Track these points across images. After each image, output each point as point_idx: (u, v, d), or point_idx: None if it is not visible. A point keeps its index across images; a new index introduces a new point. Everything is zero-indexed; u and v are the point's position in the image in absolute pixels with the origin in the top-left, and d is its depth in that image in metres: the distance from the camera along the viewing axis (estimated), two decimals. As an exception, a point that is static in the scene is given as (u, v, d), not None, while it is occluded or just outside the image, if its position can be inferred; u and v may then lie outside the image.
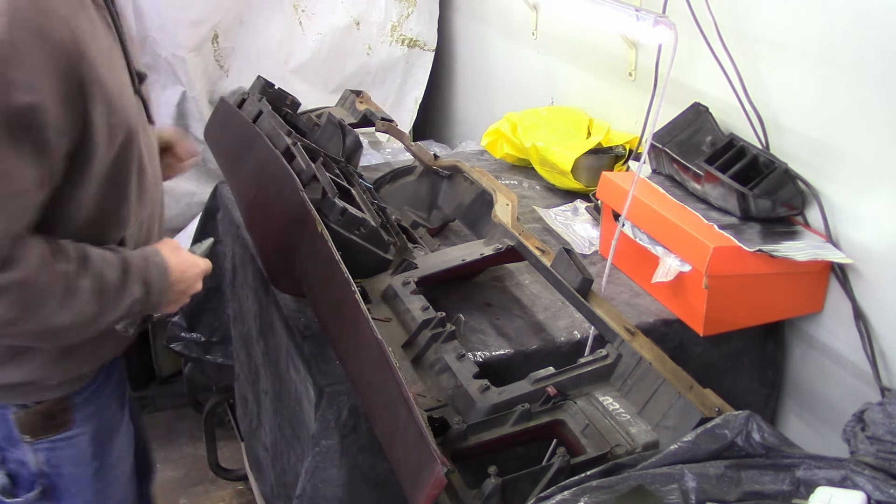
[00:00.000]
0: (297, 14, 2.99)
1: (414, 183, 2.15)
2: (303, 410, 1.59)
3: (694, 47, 1.89)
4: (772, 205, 1.73)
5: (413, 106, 3.33)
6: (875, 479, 1.07)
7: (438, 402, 1.40)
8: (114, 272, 1.29)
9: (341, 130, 2.01)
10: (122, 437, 1.61)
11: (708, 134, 1.88)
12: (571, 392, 1.38)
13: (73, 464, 1.50)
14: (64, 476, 1.50)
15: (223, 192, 2.26)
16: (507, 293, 1.83)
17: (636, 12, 1.71)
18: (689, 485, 1.09)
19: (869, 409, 1.29)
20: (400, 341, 1.54)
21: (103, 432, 1.54)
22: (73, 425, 1.47)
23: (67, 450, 1.48)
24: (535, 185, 2.39)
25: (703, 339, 1.72)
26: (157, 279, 1.34)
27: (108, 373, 1.55)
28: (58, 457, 1.48)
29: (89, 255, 1.27)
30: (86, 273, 1.25)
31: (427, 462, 1.07)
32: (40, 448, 1.46)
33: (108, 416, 1.56)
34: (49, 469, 1.48)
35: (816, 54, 1.68)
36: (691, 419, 1.26)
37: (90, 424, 1.50)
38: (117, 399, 1.60)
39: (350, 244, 1.64)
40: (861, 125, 1.62)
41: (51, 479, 1.49)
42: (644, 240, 1.80)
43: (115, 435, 1.59)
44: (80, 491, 1.53)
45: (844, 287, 1.69)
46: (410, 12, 3.19)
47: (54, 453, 1.47)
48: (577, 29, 2.53)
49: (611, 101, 2.42)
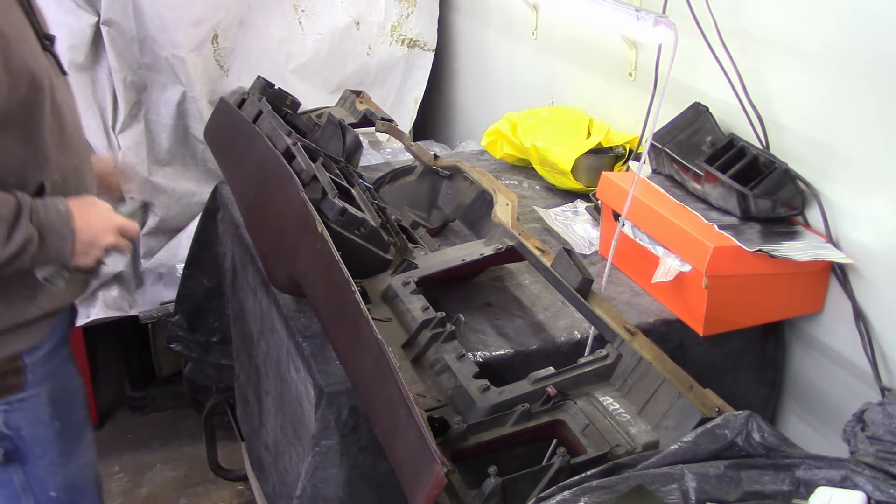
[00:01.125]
0: (297, 14, 2.99)
1: (414, 183, 2.15)
2: (303, 410, 1.59)
3: (694, 47, 1.89)
4: (772, 205, 1.73)
5: (413, 106, 3.33)
6: (875, 479, 1.07)
7: (438, 402, 1.40)
8: (4, 209, 1.34)
9: (341, 130, 2.01)
10: (81, 400, 1.65)
11: (708, 134, 1.88)
12: (571, 392, 1.38)
13: (31, 425, 1.54)
14: (24, 438, 1.55)
15: (223, 192, 2.26)
16: (507, 293, 1.83)
17: (636, 12, 1.71)
18: (689, 485, 1.09)
19: (869, 409, 1.29)
20: (400, 341, 1.54)
21: (61, 393, 1.58)
22: (25, 386, 1.51)
23: (24, 411, 1.53)
24: (535, 185, 2.39)
25: (703, 339, 1.72)
26: (57, 224, 1.38)
27: (62, 337, 1.60)
28: (16, 419, 1.53)
29: None
30: None
31: (427, 462, 1.07)
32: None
33: (65, 379, 1.60)
34: (9, 431, 1.53)
35: (816, 54, 1.68)
36: (691, 419, 1.26)
37: (45, 385, 1.54)
38: (72, 364, 1.63)
39: (350, 244, 1.64)
40: (861, 125, 1.62)
41: (13, 441, 1.54)
42: (644, 240, 1.80)
43: (76, 397, 1.63)
44: (44, 452, 1.57)
45: (844, 287, 1.69)
46: (410, 12, 3.19)
47: (11, 415, 1.52)
48: (577, 29, 2.53)
49: (611, 101, 2.41)
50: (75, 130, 1.52)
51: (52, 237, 1.38)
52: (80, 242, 1.41)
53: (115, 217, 1.46)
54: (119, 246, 1.48)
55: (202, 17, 2.75)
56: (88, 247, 1.43)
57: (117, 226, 1.45)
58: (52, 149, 1.44)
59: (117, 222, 1.46)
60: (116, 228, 1.45)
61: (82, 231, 1.41)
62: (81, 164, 1.54)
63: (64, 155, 1.47)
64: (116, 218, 1.46)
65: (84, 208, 1.43)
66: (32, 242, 1.36)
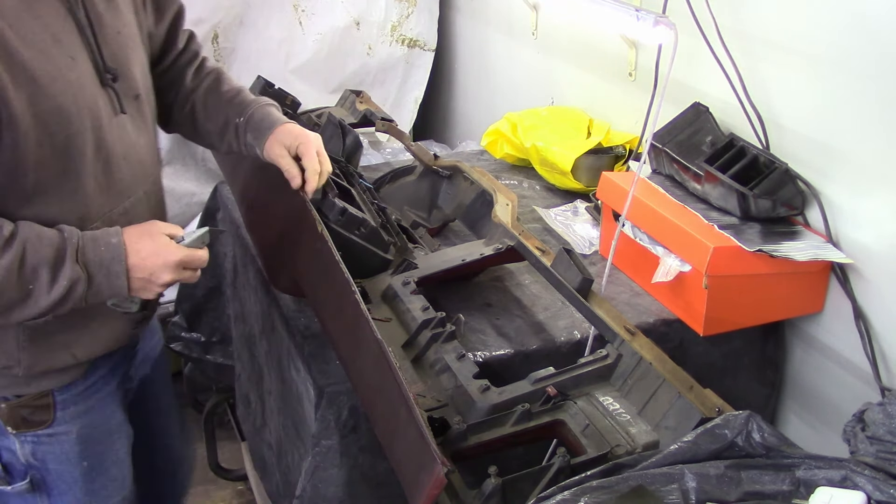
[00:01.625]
0: (297, 14, 2.99)
1: (414, 183, 2.15)
2: (303, 410, 1.59)
3: (694, 47, 1.89)
4: (772, 205, 1.73)
5: (413, 106, 3.33)
6: (875, 479, 1.07)
7: (438, 402, 1.40)
8: (47, 249, 1.24)
9: (341, 130, 2.01)
10: (120, 441, 1.59)
11: (708, 134, 1.88)
12: (571, 392, 1.38)
13: (58, 461, 1.50)
14: (51, 471, 1.50)
15: (223, 192, 2.26)
16: (507, 293, 1.83)
17: (636, 12, 1.71)
18: (689, 485, 1.09)
19: (869, 409, 1.29)
20: (400, 341, 1.54)
21: (94, 433, 1.52)
22: (54, 423, 1.46)
23: (52, 446, 1.48)
24: (535, 185, 2.39)
25: (703, 339, 1.72)
26: (108, 261, 1.28)
27: (105, 375, 1.53)
28: (43, 451, 1.48)
29: (18, 231, 1.24)
30: (8, 248, 1.22)
31: (427, 462, 1.07)
32: (26, 441, 1.46)
33: (102, 419, 1.54)
34: (36, 462, 1.49)
35: (816, 54, 1.68)
36: (691, 419, 1.26)
37: (76, 423, 1.49)
38: (117, 402, 1.58)
39: (350, 244, 1.64)
40: (861, 125, 1.62)
41: (39, 472, 1.50)
42: (644, 240, 1.80)
43: (111, 438, 1.56)
44: (69, 488, 1.52)
45: (844, 287, 1.69)
46: (410, 12, 3.19)
47: (39, 447, 1.47)
48: (577, 29, 2.53)
49: (611, 101, 2.41)
50: (128, 170, 1.40)
51: (102, 276, 1.28)
52: (135, 279, 1.30)
53: (175, 251, 1.32)
54: (182, 279, 1.35)
55: (202, 17, 2.75)
56: (146, 283, 1.32)
57: (177, 261, 1.32)
58: (94, 195, 1.34)
59: (177, 257, 1.32)
60: (176, 264, 1.32)
61: (137, 268, 1.30)
62: (134, 206, 1.43)
63: (109, 199, 1.37)
64: (176, 252, 1.33)
65: (140, 241, 1.31)
66: (80, 283, 1.26)
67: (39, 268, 1.24)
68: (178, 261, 1.32)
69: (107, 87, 1.35)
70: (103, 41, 1.34)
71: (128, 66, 1.40)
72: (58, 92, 1.25)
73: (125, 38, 1.40)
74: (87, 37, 1.31)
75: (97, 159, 1.33)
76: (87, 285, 1.27)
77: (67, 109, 1.27)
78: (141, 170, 1.45)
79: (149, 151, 1.48)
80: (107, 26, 1.35)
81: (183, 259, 1.33)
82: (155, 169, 1.52)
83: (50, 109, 1.24)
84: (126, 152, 1.40)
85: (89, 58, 1.32)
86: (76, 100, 1.28)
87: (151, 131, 1.51)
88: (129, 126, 1.41)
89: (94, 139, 1.32)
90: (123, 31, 1.40)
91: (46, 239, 1.26)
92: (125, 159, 1.39)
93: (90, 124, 1.31)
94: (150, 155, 1.49)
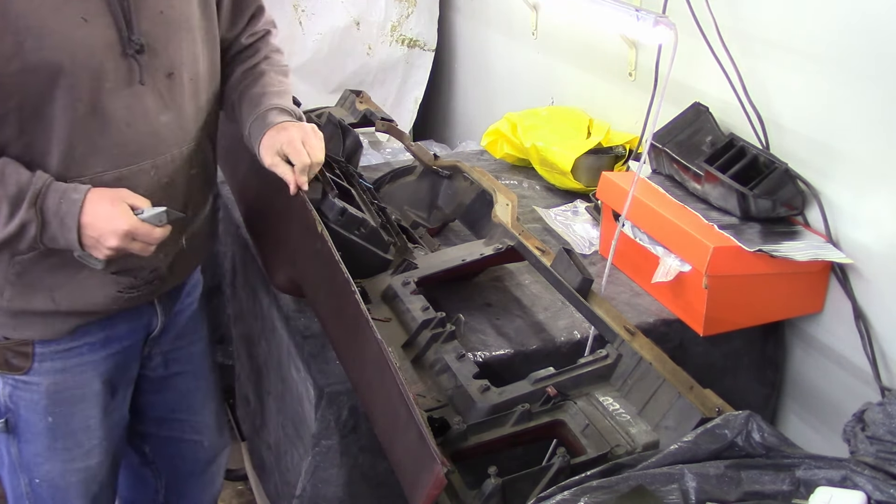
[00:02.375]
0: (297, 14, 2.99)
1: (414, 183, 2.15)
2: (303, 410, 1.59)
3: (694, 47, 1.89)
4: (772, 205, 1.73)
5: (413, 106, 3.33)
6: (875, 479, 1.07)
7: (438, 402, 1.40)
8: (11, 187, 1.32)
9: (341, 130, 2.01)
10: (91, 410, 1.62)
11: (708, 134, 1.88)
12: (571, 392, 1.38)
13: (27, 409, 1.57)
14: (21, 417, 1.58)
15: (223, 192, 2.26)
16: (507, 293, 1.83)
17: (636, 12, 1.71)
18: (689, 485, 1.09)
19: (869, 409, 1.29)
20: (400, 341, 1.54)
21: (63, 393, 1.57)
22: (28, 371, 1.53)
23: (24, 392, 1.56)
24: (535, 185, 2.39)
25: (703, 339, 1.72)
26: (63, 213, 1.34)
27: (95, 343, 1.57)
28: (17, 396, 1.56)
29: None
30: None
31: (427, 462, 1.07)
32: (7, 382, 1.56)
33: (75, 383, 1.58)
34: (11, 405, 1.58)
35: (816, 54, 1.68)
36: (691, 419, 1.26)
37: (47, 378, 1.55)
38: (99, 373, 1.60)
39: (350, 244, 1.64)
40: (861, 125, 1.62)
41: (13, 415, 1.58)
42: (644, 240, 1.80)
43: (82, 404, 1.60)
44: (34, 438, 1.60)
45: (844, 287, 1.69)
46: (410, 12, 3.19)
47: (15, 391, 1.56)
48: (577, 29, 2.53)
49: (611, 101, 2.41)
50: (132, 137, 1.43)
51: (56, 226, 1.35)
52: (85, 236, 1.36)
53: (126, 220, 1.37)
54: (130, 249, 1.39)
55: (202, 17, 2.75)
56: (95, 242, 1.37)
57: (125, 230, 1.36)
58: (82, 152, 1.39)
59: (125, 226, 1.36)
60: (124, 232, 1.36)
61: (88, 226, 1.36)
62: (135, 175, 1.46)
63: (100, 160, 1.41)
64: (126, 221, 1.37)
65: (100, 203, 1.37)
66: (32, 226, 1.34)
67: (0, 201, 1.33)
68: (126, 230, 1.37)
69: (129, 57, 1.39)
70: (139, 16, 1.39)
71: (163, 45, 1.44)
72: (52, 45, 1.30)
73: (167, 19, 1.44)
74: (112, 5, 1.36)
75: (91, 118, 1.38)
76: (39, 230, 1.34)
77: (59, 63, 1.31)
78: (152, 142, 1.47)
79: (172, 130, 1.50)
80: (147, 5, 1.41)
81: (131, 229, 1.37)
82: (178, 149, 1.52)
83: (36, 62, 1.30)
84: (133, 121, 1.43)
85: (113, 24, 1.37)
86: (74, 58, 1.33)
87: (186, 114, 1.52)
88: (148, 99, 1.44)
89: (91, 100, 1.37)
90: (167, 12, 1.44)
91: (14, 177, 1.33)
92: (129, 126, 1.42)
93: (88, 84, 1.35)
94: (171, 133, 1.50)
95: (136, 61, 1.40)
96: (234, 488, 2.86)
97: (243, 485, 2.82)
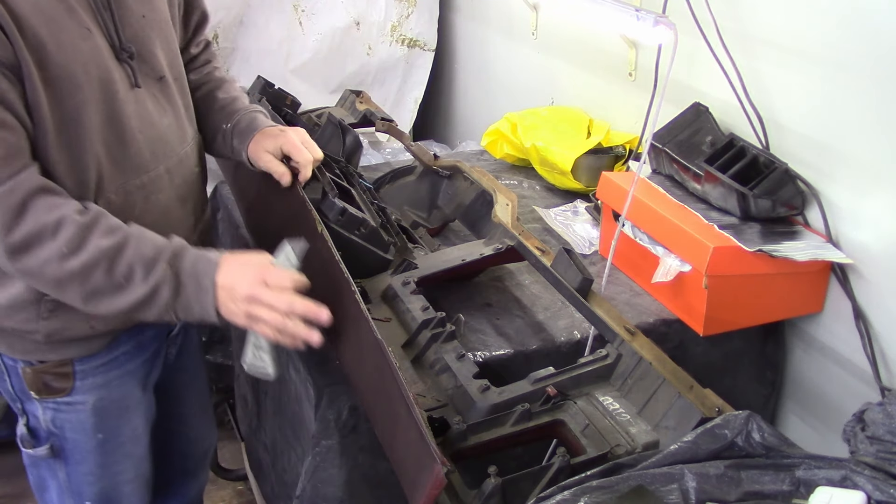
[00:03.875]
0: (297, 14, 2.99)
1: (414, 183, 2.15)
2: (303, 410, 1.59)
3: (694, 47, 1.89)
4: (772, 205, 1.73)
5: (413, 106, 3.33)
6: (875, 479, 1.07)
7: (438, 402, 1.40)
8: (147, 248, 1.29)
9: (341, 130, 2.01)
10: (137, 419, 1.61)
11: (708, 134, 1.88)
12: (571, 392, 1.38)
13: (74, 430, 1.53)
14: (67, 440, 1.54)
15: (223, 192, 2.26)
16: (507, 293, 1.83)
17: (636, 12, 1.71)
18: (689, 485, 1.09)
19: (869, 409, 1.29)
20: (400, 341, 1.54)
21: (110, 407, 1.54)
22: (71, 392, 1.49)
23: (69, 414, 1.52)
24: (535, 185, 2.39)
25: (703, 339, 1.72)
26: (201, 272, 1.29)
27: (130, 351, 1.55)
28: (61, 419, 1.52)
29: (126, 226, 1.30)
30: (110, 234, 1.27)
31: (427, 462, 1.07)
32: (48, 406, 1.51)
33: (120, 394, 1.56)
34: (56, 429, 1.53)
35: (816, 54, 1.69)
36: (691, 419, 1.26)
37: (93, 395, 1.51)
38: (138, 380, 1.59)
39: (350, 244, 1.64)
40: (861, 125, 1.62)
41: (59, 439, 1.54)
42: (644, 240, 1.80)
43: (127, 414, 1.58)
44: (83, 458, 1.56)
45: (844, 287, 1.69)
46: (410, 12, 3.19)
47: (59, 415, 1.52)
48: (577, 29, 2.53)
49: (611, 101, 2.42)
50: (146, 144, 1.42)
51: (192, 287, 1.29)
52: (221, 298, 1.29)
53: (255, 264, 1.30)
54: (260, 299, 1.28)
55: (202, 17, 2.75)
56: (228, 297, 1.29)
57: (255, 273, 1.29)
58: (107, 165, 1.36)
59: (255, 269, 1.29)
60: (254, 276, 1.28)
61: (224, 287, 1.28)
62: (154, 182, 1.45)
63: (123, 171, 1.39)
64: (257, 265, 1.30)
65: (235, 261, 1.31)
66: (166, 286, 1.28)
67: (135, 263, 1.28)
68: (255, 273, 1.29)
69: (123, 62, 1.39)
70: (123, 21, 1.38)
71: (149, 49, 1.43)
72: (67, 60, 1.28)
73: (150, 23, 1.44)
74: (101, 14, 1.35)
75: (109, 130, 1.36)
76: (173, 292, 1.29)
77: (77, 77, 1.29)
78: (162, 147, 1.47)
79: (174, 132, 1.50)
80: (130, 9, 1.40)
81: (260, 272, 1.29)
82: (182, 150, 1.53)
83: (58, 75, 1.27)
84: (143, 127, 1.42)
85: (104, 33, 1.35)
86: (87, 69, 1.31)
87: (181, 114, 1.53)
88: (148, 103, 1.44)
89: (106, 110, 1.35)
90: (149, 15, 1.44)
91: (151, 240, 1.31)
92: (141, 133, 1.42)
93: (101, 95, 1.34)
94: (174, 135, 1.50)
95: (129, 67, 1.40)
96: (234, 488, 2.86)
97: (243, 485, 2.82)
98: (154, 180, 1.46)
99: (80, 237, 1.26)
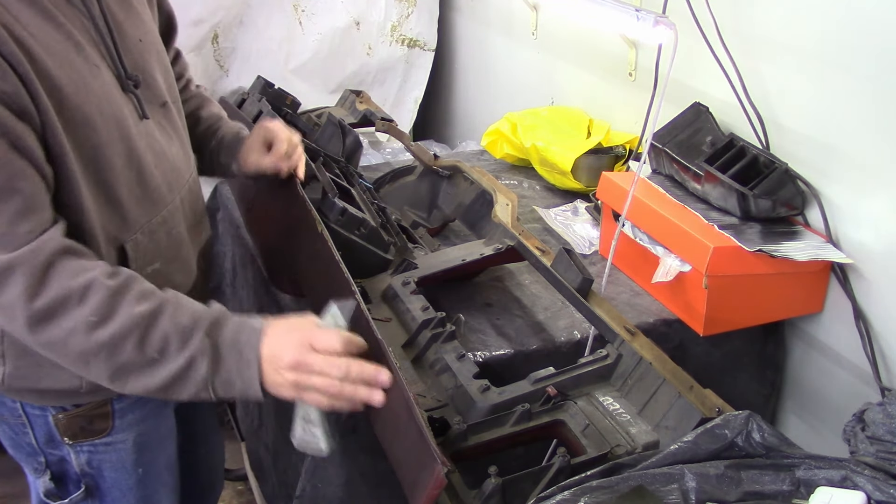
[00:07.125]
0: (297, 14, 2.99)
1: (414, 183, 2.15)
2: (303, 410, 1.59)
3: (694, 47, 1.89)
4: (772, 205, 1.73)
5: (413, 106, 3.33)
6: (875, 479, 1.07)
7: (438, 402, 1.40)
8: (184, 316, 1.16)
9: (341, 130, 2.01)
10: (171, 446, 1.57)
11: (708, 134, 1.88)
12: (571, 392, 1.38)
13: (114, 469, 1.46)
14: (106, 479, 1.47)
15: (223, 192, 2.26)
16: (507, 293, 1.83)
17: (636, 12, 1.71)
18: (689, 485, 1.09)
19: (869, 409, 1.29)
20: (400, 341, 1.54)
21: (148, 440, 1.49)
22: (112, 431, 1.43)
23: (108, 454, 1.45)
24: (535, 185, 2.39)
25: (703, 339, 1.72)
26: (243, 343, 1.16)
27: None
28: (99, 460, 1.44)
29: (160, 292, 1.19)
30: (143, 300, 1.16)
31: (427, 462, 1.07)
32: (82, 450, 1.43)
33: (155, 425, 1.51)
34: (91, 470, 1.45)
35: (816, 54, 1.68)
36: (691, 419, 1.26)
37: (132, 431, 1.45)
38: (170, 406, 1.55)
39: (350, 244, 1.64)
40: (861, 125, 1.62)
41: (94, 480, 1.46)
42: (644, 240, 1.80)
43: (164, 443, 1.54)
44: (122, 495, 1.49)
45: (844, 287, 1.69)
46: (410, 12, 3.19)
47: (95, 456, 1.44)
48: (577, 29, 2.53)
49: (611, 101, 2.42)
50: (162, 178, 1.36)
51: (233, 360, 1.15)
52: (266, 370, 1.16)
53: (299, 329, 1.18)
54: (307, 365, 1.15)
55: (202, 17, 2.75)
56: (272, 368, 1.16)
57: (299, 337, 1.17)
58: (130, 205, 1.29)
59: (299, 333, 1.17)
60: (298, 341, 1.16)
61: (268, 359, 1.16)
62: (172, 215, 1.39)
63: (146, 209, 1.33)
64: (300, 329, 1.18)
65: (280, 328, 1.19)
66: (202, 359, 1.14)
67: (171, 334, 1.15)
68: (300, 338, 1.16)
69: (129, 93, 1.32)
70: (124, 49, 1.31)
71: (150, 74, 1.38)
72: (83, 101, 1.21)
73: (147, 46, 1.38)
74: (107, 45, 1.28)
75: (129, 169, 1.30)
76: (211, 366, 1.15)
77: (93, 118, 1.22)
78: (175, 177, 1.42)
79: (181, 158, 1.45)
80: (127, 35, 1.33)
81: (306, 336, 1.16)
82: (190, 175, 1.49)
83: (76, 119, 1.20)
84: (157, 161, 1.36)
85: (110, 66, 1.29)
86: (101, 108, 1.24)
87: (184, 139, 1.48)
88: (156, 133, 1.38)
89: (125, 149, 1.28)
90: (145, 38, 1.38)
91: (188, 307, 1.18)
92: (157, 167, 1.36)
93: (118, 133, 1.26)
94: (182, 162, 1.46)
95: (135, 97, 1.33)
96: (234, 488, 2.86)
97: (243, 485, 2.82)
98: (172, 213, 1.40)
99: (111, 304, 1.13)
